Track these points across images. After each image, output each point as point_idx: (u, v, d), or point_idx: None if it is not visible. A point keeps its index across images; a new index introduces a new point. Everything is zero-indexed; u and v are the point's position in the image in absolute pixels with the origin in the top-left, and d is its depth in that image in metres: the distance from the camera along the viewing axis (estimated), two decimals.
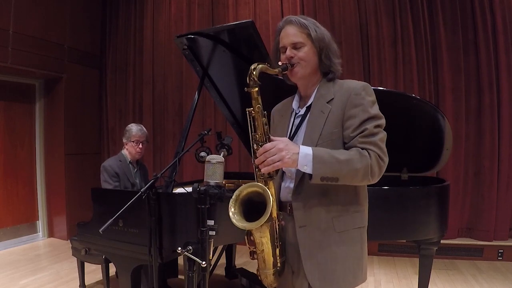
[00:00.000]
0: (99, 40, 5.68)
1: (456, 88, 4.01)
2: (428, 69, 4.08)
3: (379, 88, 3.60)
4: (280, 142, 1.22)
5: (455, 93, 4.01)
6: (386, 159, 1.28)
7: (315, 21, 1.39)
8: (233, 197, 1.27)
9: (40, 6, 4.65)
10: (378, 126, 1.28)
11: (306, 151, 1.22)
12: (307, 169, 1.22)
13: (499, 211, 3.91)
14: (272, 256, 1.35)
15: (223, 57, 2.46)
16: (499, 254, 3.86)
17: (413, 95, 3.08)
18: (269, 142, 1.25)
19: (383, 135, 1.29)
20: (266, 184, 1.30)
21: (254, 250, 1.37)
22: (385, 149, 1.28)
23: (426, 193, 2.41)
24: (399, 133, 2.23)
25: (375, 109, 1.31)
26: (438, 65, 4.08)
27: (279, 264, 1.37)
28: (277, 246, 1.35)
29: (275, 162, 1.20)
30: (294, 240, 1.35)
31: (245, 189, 1.28)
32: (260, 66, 1.28)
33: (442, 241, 2.56)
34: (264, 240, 1.31)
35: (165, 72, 5.25)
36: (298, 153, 1.21)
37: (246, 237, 1.39)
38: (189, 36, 2.39)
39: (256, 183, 1.28)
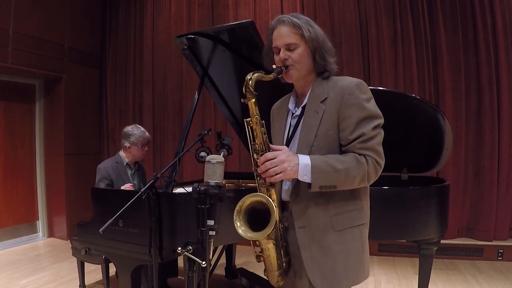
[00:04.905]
0: (99, 40, 5.68)
1: (456, 88, 4.01)
2: (428, 69, 4.07)
3: (379, 88, 3.62)
4: (281, 153, 1.22)
5: (455, 93, 4.01)
6: (383, 163, 1.28)
7: (309, 19, 1.35)
8: (237, 207, 1.29)
9: (39, 6, 4.64)
10: (375, 127, 1.27)
11: (305, 161, 1.23)
12: (307, 179, 1.24)
13: (499, 211, 3.90)
14: (278, 259, 1.37)
15: (223, 57, 2.46)
16: (499, 254, 3.85)
17: (413, 95, 3.07)
18: (269, 151, 1.27)
19: (380, 137, 1.28)
20: (267, 191, 1.32)
21: (260, 254, 1.40)
22: (382, 152, 1.28)
23: (426, 193, 2.41)
24: (399, 133, 2.23)
25: (371, 107, 1.28)
26: (438, 65, 4.08)
27: (284, 265, 1.40)
28: (282, 247, 1.38)
29: (277, 174, 1.21)
30: (295, 240, 1.36)
31: (248, 199, 1.29)
32: (256, 75, 1.26)
33: (442, 241, 2.56)
34: (269, 245, 1.34)
35: (165, 72, 5.25)
36: (298, 163, 1.22)
37: (252, 242, 1.40)
38: (189, 36, 2.39)
39: (258, 193, 1.30)
